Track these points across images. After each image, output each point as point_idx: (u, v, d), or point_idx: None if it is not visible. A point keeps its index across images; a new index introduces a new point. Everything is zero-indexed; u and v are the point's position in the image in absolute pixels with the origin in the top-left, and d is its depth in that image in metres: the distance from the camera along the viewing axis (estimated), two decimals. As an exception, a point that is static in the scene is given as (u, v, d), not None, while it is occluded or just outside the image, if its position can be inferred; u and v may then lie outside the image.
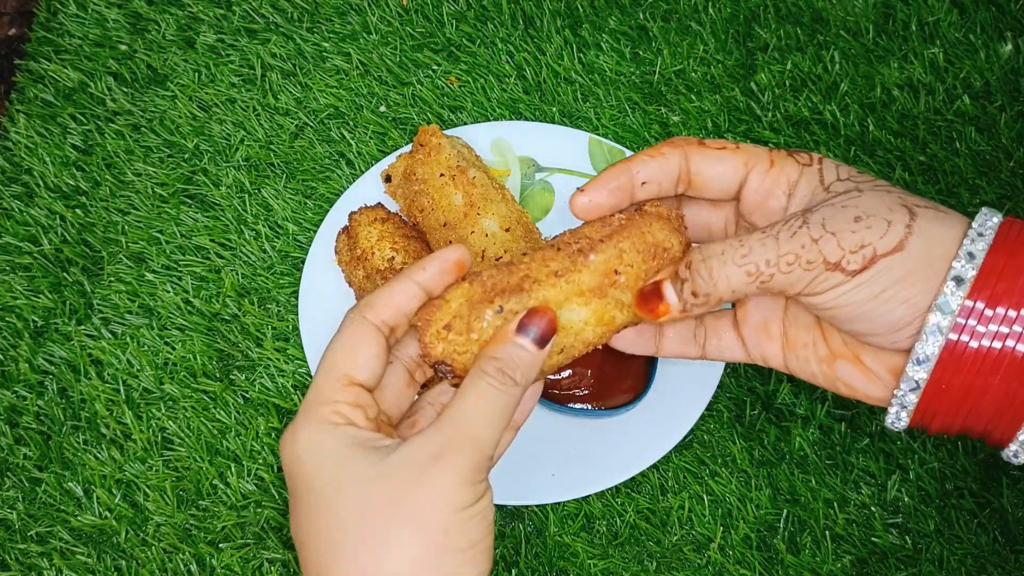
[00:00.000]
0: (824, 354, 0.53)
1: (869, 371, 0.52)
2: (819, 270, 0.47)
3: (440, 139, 0.76)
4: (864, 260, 0.47)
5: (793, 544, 0.70)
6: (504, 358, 0.49)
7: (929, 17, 0.86)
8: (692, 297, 0.50)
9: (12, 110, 0.86)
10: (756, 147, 0.53)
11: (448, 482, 0.46)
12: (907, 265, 0.47)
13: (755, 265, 0.48)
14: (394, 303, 0.51)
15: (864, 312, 0.48)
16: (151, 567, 0.71)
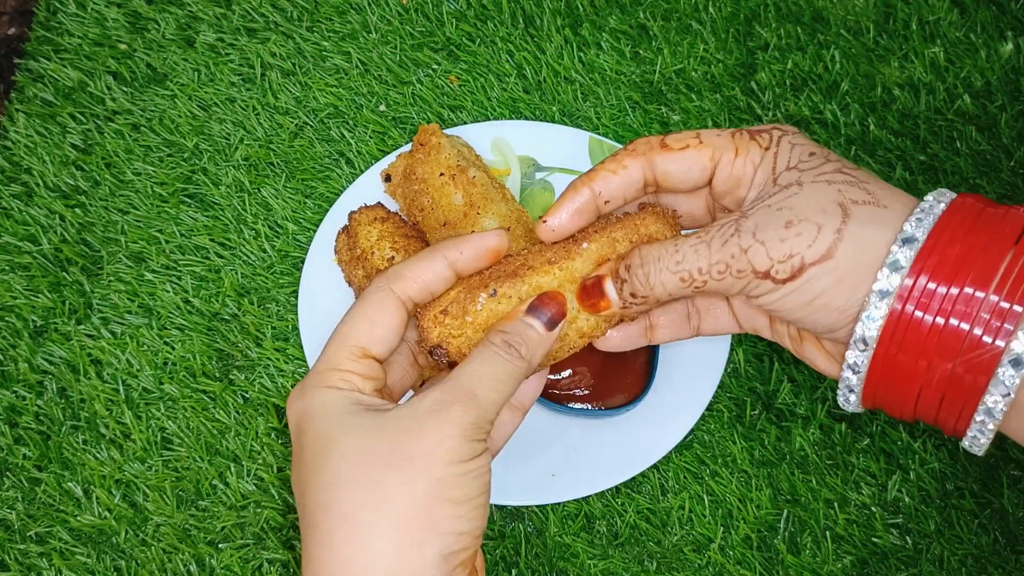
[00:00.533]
0: (794, 333, 0.55)
1: (828, 353, 0.53)
2: (749, 278, 0.48)
3: (440, 138, 0.76)
4: (792, 269, 0.47)
5: (793, 544, 0.70)
6: (511, 331, 0.50)
7: (930, 16, 0.86)
8: (631, 297, 0.52)
9: (11, 109, 0.86)
10: (719, 136, 0.53)
11: (446, 434, 0.46)
12: (835, 274, 0.47)
13: (688, 272, 0.50)
14: (422, 279, 0.52)
15: (799, 317, 0.49)
16: (150, 567, 0.71)
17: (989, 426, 0.47)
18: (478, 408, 0.48)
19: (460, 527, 0.47)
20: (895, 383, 0.49)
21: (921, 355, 0.47)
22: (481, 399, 0.48)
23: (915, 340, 0.47)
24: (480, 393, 0.48)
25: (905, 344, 0.47)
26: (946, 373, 0.47)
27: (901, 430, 0.72)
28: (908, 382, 0.48)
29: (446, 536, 0.46)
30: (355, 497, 0.46)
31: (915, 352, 0.47)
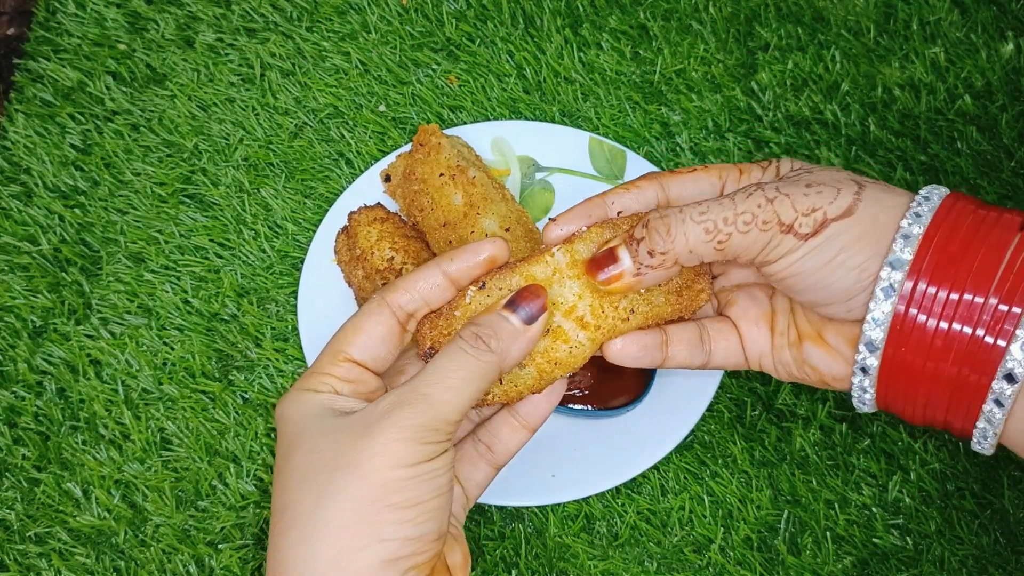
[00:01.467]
0: (794, 338, 0.54)
1: (832, 349, 0.52)
2: (774, 231, 0.48)
3: (440, 139, 0.75)
4: (815, 224, 0.48)
5: (794, 545, 0.70)
6: (483, 323, 0.49)
7: (930, 16, 0.86)
8: (648, 257, 0.50)
9: (11, 109, 0.86)
10: (723, 165, 0.55)
11: (392, 437, 0.46)
12: (856, 229, 0.48)
13: (713, 222, 0.49)
14: (415, 288, 0.51)
15: (818, 280, 0.49)
16: (150, 568, 0.70)
17: (991, 429, 0.48)
18: (430, 409, 0.46)
19: (406, 532, 0.46)
20: (904, 384, 0.49)
21: (928, 357, 0.48)
22: (434, 399, 0.47)
23: (920, 341, 0.48)
24: (433, 393, 0.47)
25: (911, 345, 0.48)
26: (951, 374, 0.47)
27: (902, 431, 0.72)
28: (916, 383, 0.49)
29: (390, 542, 0.45)
30: (305, 500, 0.46)
31: (921, 354, 0.48)
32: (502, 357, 0.49)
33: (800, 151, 0.81)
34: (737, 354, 0.56)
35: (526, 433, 0.54)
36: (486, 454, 0.54)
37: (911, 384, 0.49)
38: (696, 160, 0.82)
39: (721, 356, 0.57)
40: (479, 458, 0.55)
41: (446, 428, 0.47)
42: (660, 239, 0.49)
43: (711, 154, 0.82)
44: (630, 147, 0.82)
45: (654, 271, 0.50)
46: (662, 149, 0.82)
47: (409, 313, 0.52)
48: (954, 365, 0.47)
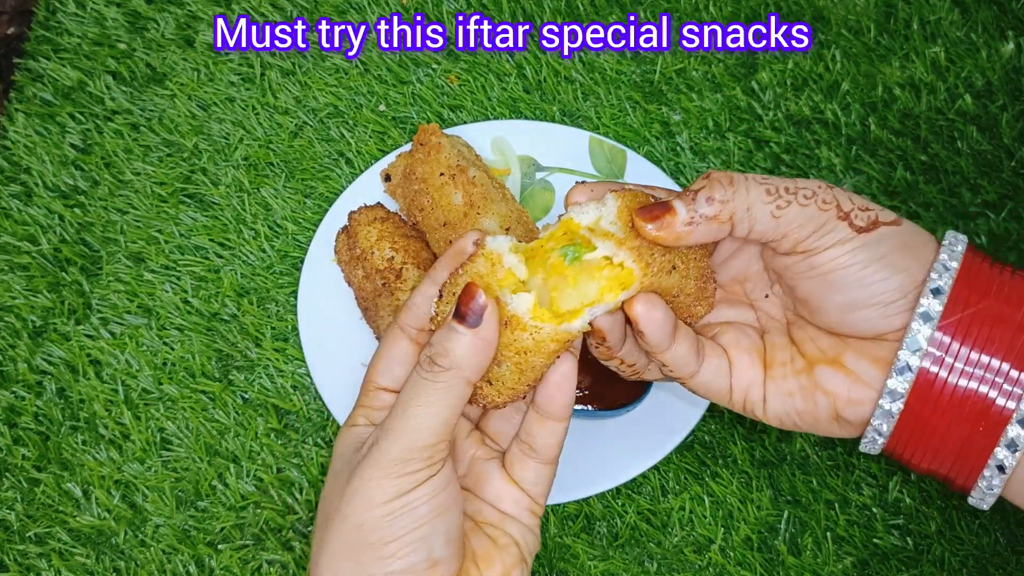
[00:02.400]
0: (802, 366, 0.53)
1: (852, 372, 0.52)
2: (831, 214, 0.49)
3: (440, 138, 0.75)
4: (869, 221, 0.49)
5: (794, 545, 0.70)
6: (434, 343, 0.48)
7: (931, 16, 0.86)
8: (705, 205, 0.48)
9: (11, 109, 0.86)
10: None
11: (366, 478, 0.47)
12: (903, 238, 0.49)
13: (775, 187, 0.49)
14: (415, 305, 0.52)
15: (865, 276, 0.49)
16: (150, 568, 0.70)
17: (996, 481, 0.49)
18: (397, 442, 0.47)
19: (392, 567, 0.47)
20: (919, 432, 0.50)
21: (945, 411, 0.49)
22: (399, 431, 0.47)
23: (939, 396, 0.49)
24: (397, 426, 0.47)
25: (930, 399, 0.49)
26: (964, 429, 0.49)
27: (902, 431, 0.72)
28: (930, 434, 0.50)
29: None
30: (316, 539, 0.49)
31: (939, 408, 0.49)
32: (462, 368, 0.48)
33: (800, 151, 0.81)
34: (724, 378, 0.55)
35: (554, 423, 0.53)
36: (530, 453, 0.54)
37: (924, 436, 0.50)
38: (695, 160, 0.82)
39: (711, 373, 0.55)
40: (525, 458, 0.54)
41: (422, 455, 0.47)
42: (721, 188, 0.49)
43: (711, 154, 0.82)
44: (630, 147, 0.82)
45: (707, 224, 0.49)
46: (662, 149, 0.82)
47: (418, 330, 0.53)
48: (966, 423, 0.49)
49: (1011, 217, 0.78)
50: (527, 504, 0.54)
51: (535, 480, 0.54)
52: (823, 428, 0.53)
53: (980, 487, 0.50)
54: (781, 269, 0.53)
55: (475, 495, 0.54)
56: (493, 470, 0.54)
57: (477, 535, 0.52)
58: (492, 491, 0.54)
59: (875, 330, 0.51)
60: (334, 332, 0.75)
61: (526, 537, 0.53)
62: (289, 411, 0.75)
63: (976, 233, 0.78)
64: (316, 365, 0.74)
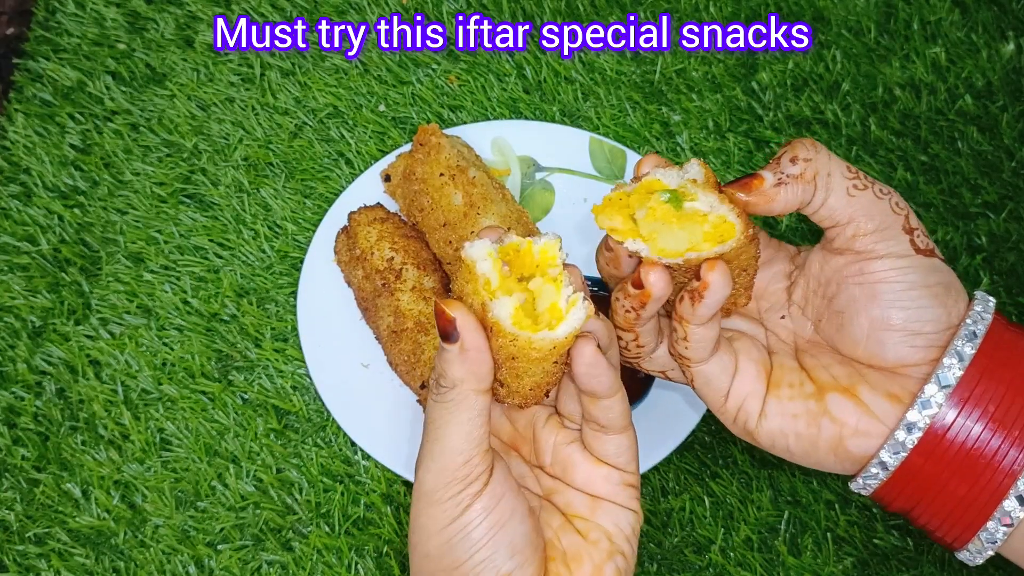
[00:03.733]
0: (812, 391, 0.53)
1: (863, 403, 0.52)
2: (900, 222, 0.50)
3: (440, 138, 0.75)
4: (926, 247, 0.50)
5: (794, 546, 0.70)
6: (435, 366, 0.49)
7: (931, 16, 0.86)
8: (790, 165, 0.50)
9: (10, 109, 0.86)
10: None
11: (418, 512, 0.48)
12: (950, 278, 0.51)
13: (855, 172, 0.50)
14: None
15: (908, 297, 0.50)
16: (149, 568, 0.70)
17: (999, 535, 0.50)
18: (430, 469, 0.48)
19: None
20: (918, 483, 0.50)
21: (945, 468, 0.49)
22: (427, 458, 0.48)
23: (944, 454, 0.49)
24: (424, 454, 0.48)
25: (934, 455, 0.49)
26: (962, 489, 0.49)
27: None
28: (930, 484, 0.50)
29: None
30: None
31: (941, 463, 0.49)
32: (463, 382, 0.48)
33: (801, 151, 0.81)
34: (726, 378, 0.54)
35: (607, 400, 0.51)
36: (600, 430, 0.53)
37: (920, 489, 0.51)
38: (696, 160, 0.82)
39: (718, 367, 0.54)
40: (599, 434, 0.53)
41: (457, 476, 0.48)
42: (805, 149, 0.50)
43: (711, 154, 0.82)
44: (630, 147, 0.82)
45: (793, 183, 0.50)
46: (662, 149, 0.82)
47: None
48: (965, 482, 0.49)
49: (1011, 218, 0.78)
50: (618, 478, 0.53)
51: (617, 452, 0.53)
52: (817, 457, 0.53)
53: (980, 539, 0.50)
54: (831, 273, 0.53)
55: (566, 483, 0.53)
56: (576, 452, 0.53)
57: (567, 532, 0.52)
58: (581, 475, 0.53)
59: (897, 357, 0.51)
60: (334, 332, 0.75)
61: (620, 523, 0.52)
62: (289, 411, 0.75)
63: (976, 233, 0.78)
64: (316, 365, 0.74)
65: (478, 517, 0.48)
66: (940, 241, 0.78)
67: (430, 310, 0.71)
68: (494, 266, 0.48)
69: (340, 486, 0.72)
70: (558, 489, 0.53)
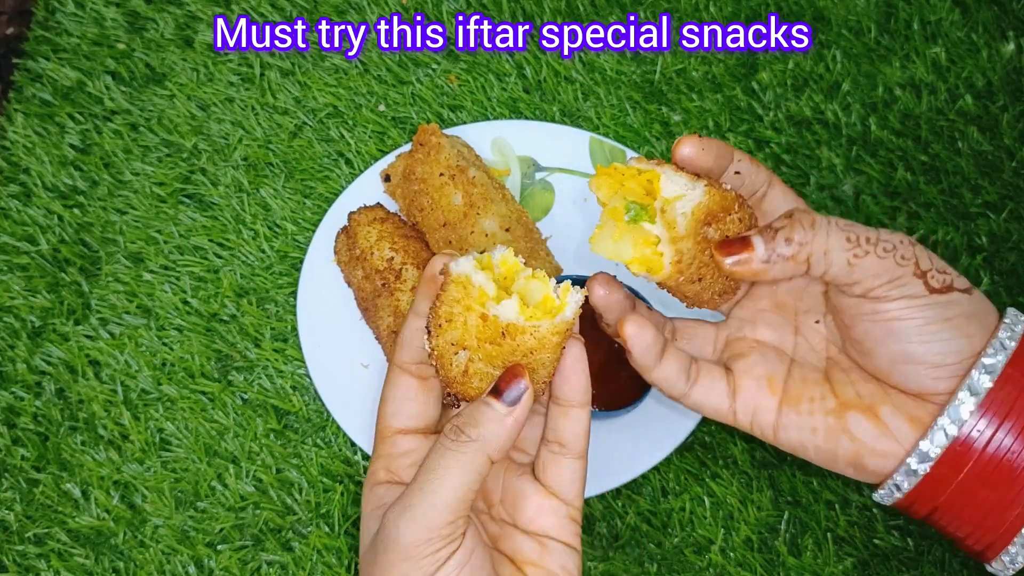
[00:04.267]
0: (832, 406, 0.53)
1: (883, 424, 0.52)
2: (909, 270, 0.49)
3: (440, 138, 0.75)
4: (944, 283, 0.49)
5: (794, 546, 0.70)
6: (464, 414, 0.49)
7: (931, 16, 0.85)
8: (784, 245, 0.49)
9: (10, 109, 0.86)
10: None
11: (389, 563, 0.47)
12: (973, 307, 0.50)
13: (856, 235, 0.49)
14: (405, 341, 0.52)
15: (927, 332, 0.50)
16: (149, 569, 0.70)
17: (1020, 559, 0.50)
18: (414, 521, 0.47)
19: None
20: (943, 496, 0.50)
21: (975, 480, 0.49)
22: (416, 508, 0.47)
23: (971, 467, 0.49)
24: (414, 502, 0.47)
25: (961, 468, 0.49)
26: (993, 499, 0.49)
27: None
28: (955, 500, 0.50)
29: None
30: None
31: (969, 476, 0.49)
32: (488, 443, 0.48)
33: (801, 151, 0.81)
34: (721, 400, 0.55)
35: (577, 411, 0.52)
36: (560, 451, 0.53)
37: (948, 500, 0.51)
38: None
39: (701, 394, 0.55)
40: (557, 457, 0.53)
41: (440, 534, 0.47)
42: (802, 230, 0.49)
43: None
44: (630, 147, 0.82)
45: (783, 263, 0.50)
46: (662, 149, 0.82)
47: (417, 364, 0.52)
48: (997, 491, 0.49)
49: (1012, 218, 0.78)
50: (566, 512, 0.53)
51: (571, 479, 0.53)
52: (837, 468, 0.54)
53: (1011, 552, 0.51)
54: (843, 307, 0.53)
55: (513, 526, 0.53)
56: (527, 485, 0.54)
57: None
58: (530, 510, 0.53)
59: (920, 387, 0.51)
60: (334, 332, 0.75)
61: (567, 564, 0.53)
62: (288, 412, 0.75)
63: (977, 234, 0.78)
64: (316, 366, 0.74)
65: (452, 573, 0.48)
66: (940, 241, 0.78)
67: (430, 310, 0.71)
68: (488, 276, 0.49)
69: (340, 486, 0.72)
70: (506, 535, 0.53)
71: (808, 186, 0.80)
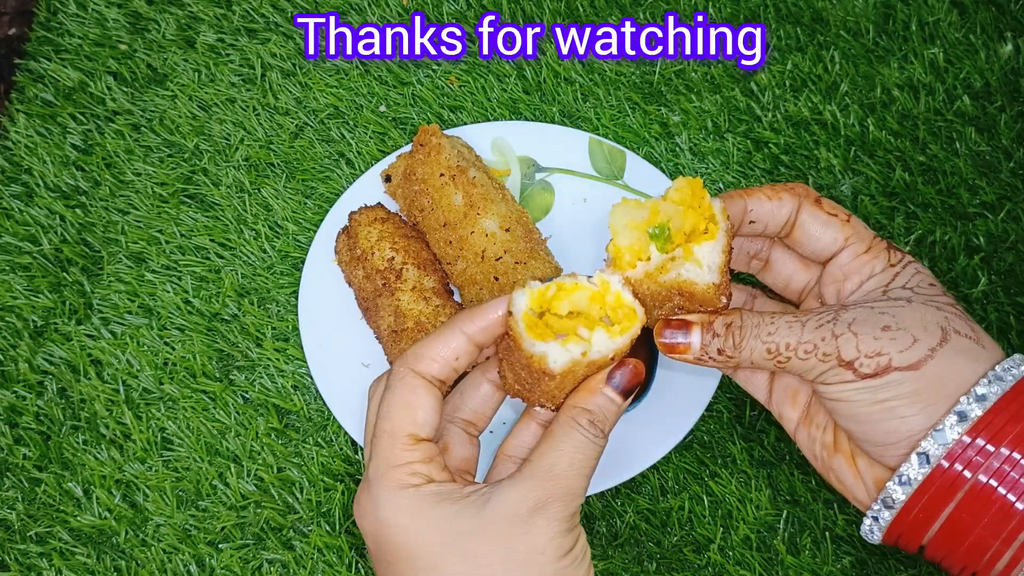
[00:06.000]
0: (828, 442, 0.56)
1: (859, 475, 0.54)
2: (832, 364, 0.50)
3: (440, 139, 0.76)
4: (877, 367, 0.49)
5: (793, 545, 0.70)
6: (595, 410, 0.52)
7: (929, 17, 0.86)
8: (716, 353, 0.53)
9: (12, 109, 0.86)
10: (863, 226, 0.55)
11: (551, 532, 0.49)
12: (916, 385, 0.49)
13: (776, 345, 0.51)
14: (441, 357, 0.52)
15: (862, 413, 0.51)
16: (150, 567, 0.71)
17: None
18: (574, 500, 0.50)
19: None
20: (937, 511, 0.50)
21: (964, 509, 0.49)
22: (574, 488, 0.50)
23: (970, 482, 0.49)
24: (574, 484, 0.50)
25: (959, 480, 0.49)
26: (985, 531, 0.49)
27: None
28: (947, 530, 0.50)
29: None
30: None
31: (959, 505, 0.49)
32: (607, 438, 0.53)
33: (799, 152, 0.82)
34: (761, 391, 0.59)
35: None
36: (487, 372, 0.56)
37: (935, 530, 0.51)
38: (695, 161, 0.82)
39: (744, 379, 0.59)
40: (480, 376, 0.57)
41: (578, 512, 0.51)
42: (731, 347, 0.52)
43: (710, 154, 0.82)
44: (630, 147, 0.82)
45: (713, 363, 0.54)
46: (661, 149, 0.83)
47: (442, 380, 0.53)
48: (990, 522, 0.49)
49: (1009, 218, 0.78)
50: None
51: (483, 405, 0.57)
52: None
53: None
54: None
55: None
56: None
57: None
58: None
59: (881, 459, 0.52)
60: (335, 332, 0.76)
61: None
62: (290, 411, 0.75)
63: (974, 234, 0.78)
64: (317, 365, 0.74)
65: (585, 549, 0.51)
66: (938, 241, 0.78)
67: (430, 310, 0.72)
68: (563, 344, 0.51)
69: (341, 485, 0.72)
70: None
71: (807, 186, 0.81)
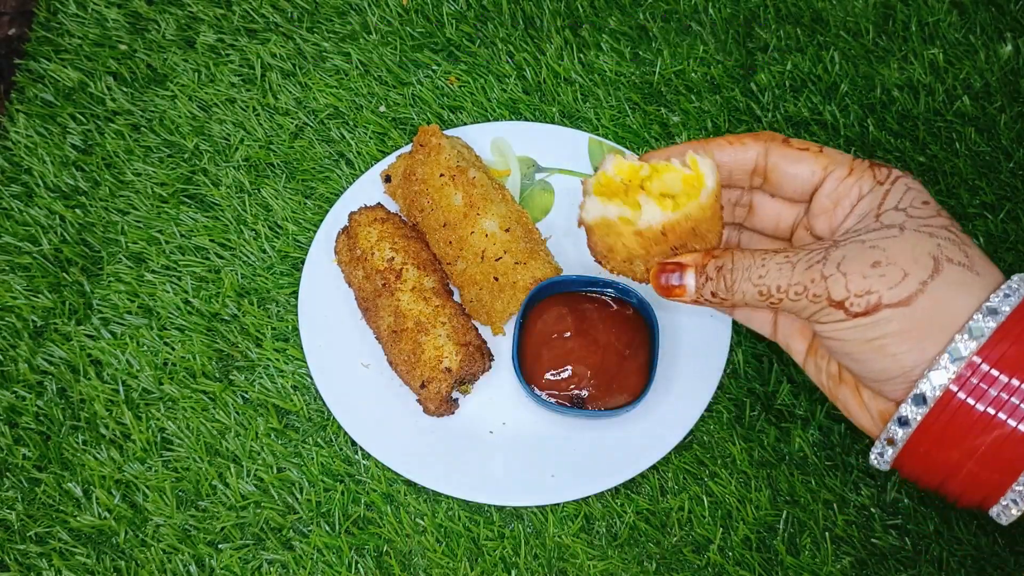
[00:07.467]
0: (833, 372, 0.56)
1: (864, 406, 0.54)
2: (823, 304, 0.50)
3: (440, 139, 0.76)
4: (867, 306, 0.49)
5: (793, 545, 0.70)
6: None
7: (929, 18, 0.86)
8: (710, 296, 0.53)
9: (12, 110, 0.86)
10: (838, 152, 0.54)
11: None
12: (907, 322, 0.48)
13: (767, 287, 0.51)
14: None
15: (855, 352, 0.50)
16: (150, 568, 0.71)
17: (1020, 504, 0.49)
18: None
19: None
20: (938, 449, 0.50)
21: (969, 430, 0.48)
22: None
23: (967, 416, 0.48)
24: None
25: (958, 416, 0.48)
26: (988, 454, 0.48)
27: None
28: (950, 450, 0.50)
29: None
30: None
31: (964, 425, 0.49)
32: None
33: (799, 152, 0.82)
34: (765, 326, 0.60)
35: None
36: None
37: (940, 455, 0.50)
38: (695, 161, 0.82)
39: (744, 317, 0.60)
40: None
41: None
42: (724, 289, 0.53)
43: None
44: (630, 148, 0.82)
45: (710, 304, 0.54)
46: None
47: None
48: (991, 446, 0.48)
49: (1009, 218, 0.78)
50: None
51: None
52: None
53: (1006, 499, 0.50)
54: None
55: None
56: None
57: None
58: None
59: (881, 393, 0.52)
60: (334, 332, 0.76)
61: None
62: (289, 411, 0.75)
63: (974, 234, 0.78)
64: (316, 365, 0.74)
65: None
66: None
67: (430, 310, 0.72)
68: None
69: (340, 485, 0.72)
70: None
71: (806, 187, 0.81)
